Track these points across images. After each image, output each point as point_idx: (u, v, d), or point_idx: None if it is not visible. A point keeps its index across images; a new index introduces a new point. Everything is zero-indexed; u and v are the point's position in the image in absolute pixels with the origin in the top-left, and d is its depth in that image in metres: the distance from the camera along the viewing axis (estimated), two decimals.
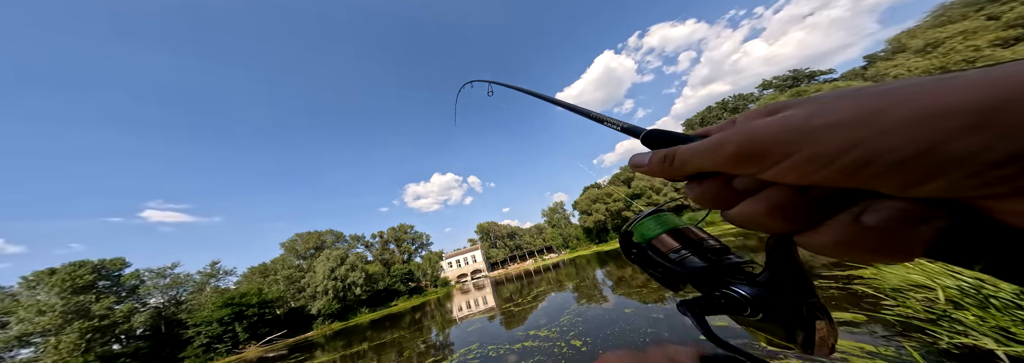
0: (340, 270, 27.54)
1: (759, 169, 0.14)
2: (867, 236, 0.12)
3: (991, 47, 10.96)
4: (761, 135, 0.13)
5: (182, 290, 28.47)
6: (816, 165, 0.12)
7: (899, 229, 0.11)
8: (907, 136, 0.10)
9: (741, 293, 0.19)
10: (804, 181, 0.13)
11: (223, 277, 31.78)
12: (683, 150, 0.17)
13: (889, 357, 1.54)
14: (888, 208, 0.11)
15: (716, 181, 0.17)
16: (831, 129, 0.11)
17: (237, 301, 22.57)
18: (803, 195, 0.13)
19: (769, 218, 0.14)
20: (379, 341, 9.91)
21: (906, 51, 13.26)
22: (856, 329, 2.15)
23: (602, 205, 37.22)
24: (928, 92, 0.10)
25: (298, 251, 33.04)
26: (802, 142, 0.12)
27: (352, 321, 24.09)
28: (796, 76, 27.34)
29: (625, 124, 0.29)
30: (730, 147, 0.14)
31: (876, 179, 0.11)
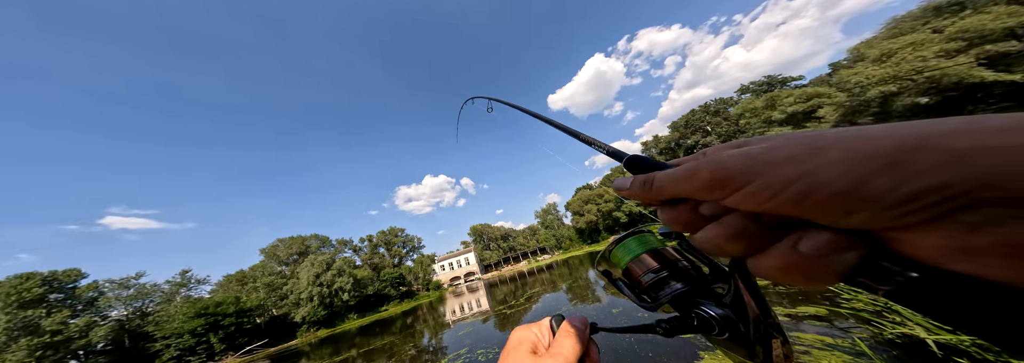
0: (326, 276, 26.69)
1: (723, 195, 0.15)
2: (801, 262, 0.14)
3: (936, 58, 12.08)
4: (727, 164, 0.15)
5: (148, 301, 26.71)
6: (769, 193, 0.14)
7: (827, 256, 0.13)
8: (839, 173, 0.12)
9: (710, 314, 0.20)
10: (758, 208, 0.15)
11: (196, 286, 30.19)
12: (660, 176, 0.19)
13: (844, 348, 1.70)
14: (820, 236, 0.13)
15: (686, 206, 0.18)
16: (782, 162, 0.14)
17: (212, 311, 21.40)
18: (756, 222, 0.15)
19: (728, 242, 0.16)
20: (368, 347, 9.73)
21: (864, 60, 14.42)
22: (818, 322, 2.34)
23: (594, 206, 37.79)
24: (859, 137, 0.13)
25: (280, 257, 31.86)
26: (759, 172, 0.14)
27: (340, 328, 23.42)
28: (770, 82, 29.14)
29: (611, 148, 0.32)
30: (704, 174, 0.16)
31: (814, 209, 0.13)
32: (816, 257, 0.13)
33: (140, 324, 24.31)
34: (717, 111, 35.46)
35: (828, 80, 22.15)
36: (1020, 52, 11.34)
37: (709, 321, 0.20)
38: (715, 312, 0.20)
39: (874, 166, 0.11)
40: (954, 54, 11.82)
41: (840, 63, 19.70)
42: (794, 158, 0.13)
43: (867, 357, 1.48)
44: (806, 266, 0.14)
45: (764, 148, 0.15)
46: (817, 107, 19.58)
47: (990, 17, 11.25)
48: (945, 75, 11.91)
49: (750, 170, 0.14)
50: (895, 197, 0.11)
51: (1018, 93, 11.63)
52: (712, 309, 0.21)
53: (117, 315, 24.82)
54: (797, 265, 0.14)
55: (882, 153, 0.11)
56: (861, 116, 15.83)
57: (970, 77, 11.67)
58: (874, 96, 14.31)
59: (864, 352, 1.46)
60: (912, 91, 13.45)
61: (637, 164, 0.24)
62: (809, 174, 0.13)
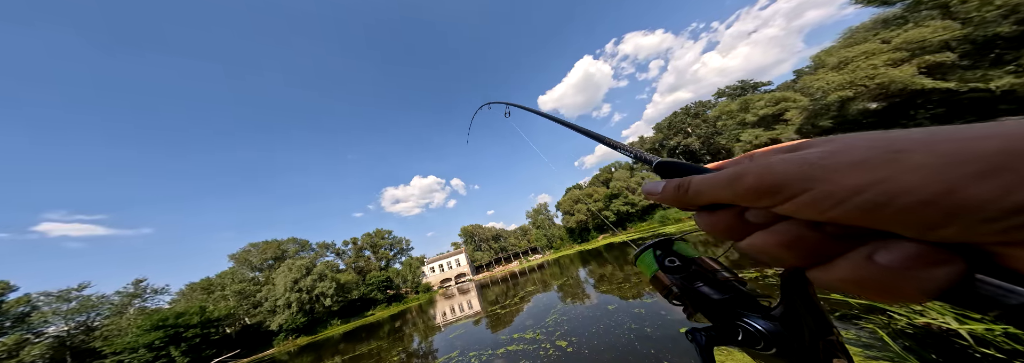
0: (306, 281, 25.28)
1: (774, 202, 0.14)
2: (880, 275, 0.12)
3: (885, 66, 13.44)
4: (779, 170, 0.14)
5: (95, 314, 24.05)
6: (833, 202, 0.12)
7: (913, 271, 0.11)
8: (925, 179, 0.10)
9: (756, 327, 0.19)
10: (819, 217, 0.13)
11: (152, 297, 27.58)
12: (698, 180, 0.18)
13: (850, 340, 1.69)
14: (903, 249, 0.11)
15: (729, 212, 0.17)
16: (849, 167, 0.12)
17: (172, 322, 19.59)
18: (818, 230, 0.14)
19: (782, 251, 0.15)
20: (353, 354, 9.31)
21: (825, 67, 15.79)
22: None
23: (583, 205, 38.55)
24: (947, 138, 0.11)
25: (253, 263, 29.84)
26: (820, 179, 0.12)
27: (322, 334, 22.32)
28: (744, 86, 31.32)
29: (638, 152, 0.30)
30: (749, 179, 0.15)
31: (892, 220, 0.11)
32: (899, 271, 0.12)
33: (85, 340, 21.96)
34: (697, 113, 37.31)
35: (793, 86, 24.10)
36: (953, 63, 12.83)
37: (754, 334, 0.19)
38: (761, 325, 0.19)
39: (970, 172, 0.10)
40: (900, 63, 13.27)
41: (804, 70, 21.47)
42: (865, 163, 0.12)
43: (877, 348, 1.47)
44: (887, 281, 0.12)
45: (824, 152, 0.13)
46: (785, 110, 21.16)
47: (929, 30, 12.62)
48: (892, 82, 13.24)
49: (806, 176, 0.13)
50: (998, 209, 0.09)
51: (951, 100, 13.16)
52: (757, 321, 0.19)
53: (56, 331, 22.20)
54: (875, 280, 0.12)
55: (981, 156, 0.10)
56: (822, 119, 17.28)
57: (913, 84, 13.04)
58: (833, 101, 15.65)
59: (872, 344, 1.46)
60: (865, 96, 14.85)
61: (669, 168, 0.22)
62: (883, 181, 0.11)
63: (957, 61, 12.46)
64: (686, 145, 36.66)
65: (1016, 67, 11.28)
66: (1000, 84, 11.34)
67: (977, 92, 11.99)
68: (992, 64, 11.85)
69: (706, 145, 35.57)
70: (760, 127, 23.01)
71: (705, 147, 35.69)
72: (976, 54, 12.17)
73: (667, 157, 0.21)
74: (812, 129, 18.47)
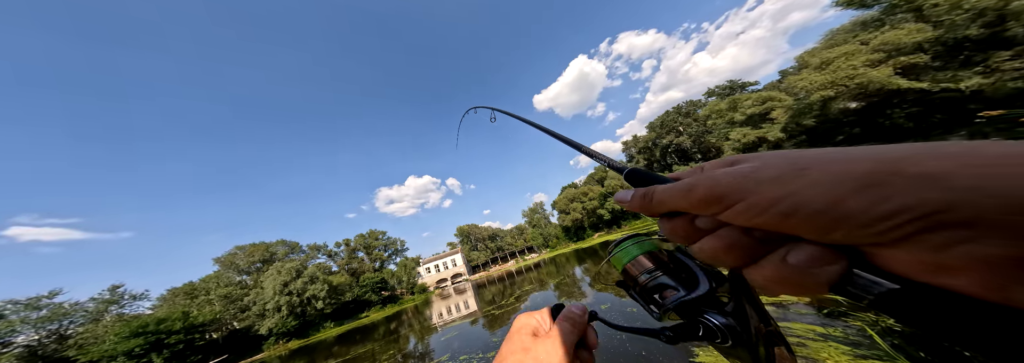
0: (296, 284, 24.66)
1: (719, 210, 0.17)
2: (791, 273, 0.15)
3: (863, 66, 13.89)
4: (723, 182, 0.17)
5: (68, 322, 22.81)
6: (757, 210, 0.15)
7: (812, 268, 0.14)
8: (819, 193, 0.13)
9: (715, 322, 0.21)
10: (749, 223, 0.16)
11: (131, 303, 26.21)
12: (660, 190, 0.20)
13: (839, 338, 1.73)
14: (807, 250, 0.15)
15: (684, 219, 0.20)
16: (769, 181, 0.15)
17: (153, 328, 18.83)
18: (749, 236, 0.17)
19: (724, 253, 0.18)
20: (347, 356, 9.16)
21: (808, 67, 16.36)
22: (805, 310, 2.37)
23: (579, 204, 38.85)
24: (836, 159, 0.14)
25: (239, 266, 28.91)
26: (749, 190, 0.15)
27: (314, 337, 21.99)
28: (732, 86, 32.17)
29: (612, 161, 0.33)
30: (700, 190, 0.17)
31: (799, 226, 0.14)
32: (804, 269, 0.15)
33: (58, 349, 20.83)
34: (688, 112, 38.03)
35: (778, 86, 24.88)
36: (926, 64, 13.45)
37: (713, 330, 0.21)
38: (719, 321, 0.21)
39: (849, 188, 0.13)
40: (878, 64, 13.86)
41: (788, 70, 22.20)
42: (780, 178, 0.15)
43: (866, 347, 1.50)
44: (795, 277, 0.15)
45: (753, 167, 0.16)
46: (771, 109, 21.80)
47: (904, 32, 13.19)
48: (870, 82, 13.80)
49: (741, 188, 0.16)
50: (868, 217, 0.12)
51: (924, 100, 13.81)
52: (716, 318, 0.21)
53: (25, 340, 20.95)
54: (787, 276, 0.15)
55: (856, 176, 0.13)
56: (806, 118, 17.88)
57: (889, 84, 13.62)
58: (816, 100, 16.21)
59: (861, 342, 1.49)
60: (846, 96, 15.43)
61: (637, 177, 0.25)
62: (793, 194, 0.14)
63: (930, 62, 13.08)
64: (678, 143, 37.36)
65: (983, 68, 11.92)
66: (969, 84, 11.96)
67: (948, 92, 12.62)
68: (962, 65, 12.48)
69: (697, 143, 36.33)
70: (748, 126, 23.66)
71: (696, 145, 36.46)
72: (947, 56, 12.80)
73: (659, 156, 0.36)
74: (796, 127, 19.11)
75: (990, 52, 11.51)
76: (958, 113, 12.61)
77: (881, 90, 13.89)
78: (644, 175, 0.24)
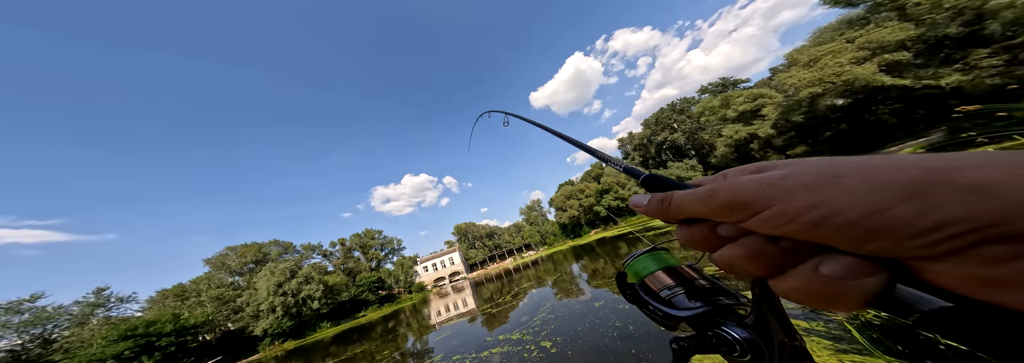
0: (290, 284, 24.35)
1: (743, 218, 0.16)
2: (823, 284, 0.14)
3: (850, 64, 14.14)
4: (747, 189, 0.16)
5: (53, 326, 22.15)
6: (786, 218, 0.14)
7: (849, 280, 0.13)
8: (856, 201, 0.13)
9: (733, 335, 0.20)
10: (775, 232, 0.15)
11: (118, 306, 25.59)
12: (679, 195, 0.19)
13: (820, 332, 1.73)
14: (841, 261, 0.14)
15: (704, 226, 0.19)
16: (799, 188, 0.14)
17: (142, 331, 18.44)
18: (775, 244, 0.16)
19: (747, 263, 0.17)
20: (344, 356, 9.11)
21: (797, 65, 16.65)
22: (788, 305, 2.36)
23: (576, 201, 39.15)
24: (876, 167, 0.13)
25: (231, 267, 28.44)
26: (777, 198, 0.15)
27: (310, 338, 21.73)
28: (725, 83, 32.54)
29: (627, 165, 0.32)
30: (722, 196, 0.17)
31: (831, 235, 0.13)
32: (838, 281, 0.14)
33: (42, 353, 20.29)
34: (681, 109, 38.37)
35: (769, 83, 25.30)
36: (909, 61, 13.82)
37: (731, 343, 0.20)
38: (738, 334, 0.20)
39: (892, 197, 0.12)
40: (862, 61, 14.20)
41: (779, 68, 22.57)
42: (811, 185, 0.14)
43: (847, 341, 1.52)
44: (828, 290, 0.14)
45: (782, 174, 0.15)
46: (762, 106, 22.18)
47: (888, 31, 13.50)
48: (856, 79, 14.14)
49: (767, 196, 0.15)
50: (914, 229, 0.11)
51: (907, 96, 14.23)
52: (734, 330, 0.20)
53: (8, 345, 20.41)
54: (818, 288, 0.14)
55: (901, 184, 0.12)
56: (795, 114, 18.27)
57: (874, 81, 13.98)
58: (805, 97, 16.55)
59: (841, 336, 1.52)
60: (833, 93, 15.80)
61: (654, 182, 0.24)
62: (825, 202, 0.13)
63: (912, 60, 13.44)
64: (672, 140, 37.77)
65: (963, 65, 12.31)
66: (949, 81, 12.36)
67: (929, 89, 13.02)
68: (942, 62, 12.87)
69: (691, 140, 36.82)
70: (740, 122, 24.04)
71: (690, 142, 36.95)
72: (928, 53, 13.17)
73: (654, 152, 0.34)
74: (786, 124, 19.51)
75: (969, 50, 11.89)
76: (939, 109, 13.05)
77: (866, 87, 14.26)
78: (661, 181, 0.23)
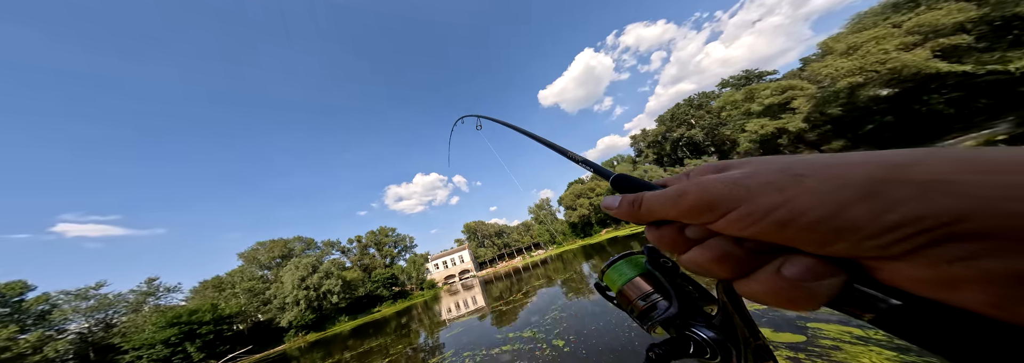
0: (313, 278, 25.67)
1: (709, 220, 0.16)
2: (785, 286, 0.14)
3: (896, 51, 12.75)
4: (714, 189, 0.16)
5: (113, 312, 24.79)
6: (751, 219, 0.14)
7: (809, 282, 0.13)
8: (816, 201, 0.12)
9: (703, 336, 0.20)
10: (742, 233, 0.15)
11: (165, 295, 28.28)
12: (649, 197, 0.19)
13: (882, 342, 1.51)
14: (802, 263, 0.14)
15: (672, 228, 0.19)
16: (764, 188, 0.14)
17: (186, 319, 20.19)
18: (740, 246, 0.16)
19: (713, 265, 0.17)
20: (361, 349, 9.42)
21: (833, 53, 15.22)
22: (836, 311, 2.11)
23: (586, 200, 38.40)
24: (832, 164, 0.13)
25: (261, 261, 30.26)
26: (743, 197, 0.14)
27: (330, 331, 22.80)
28: (748, 76, 30.55)
29: (598, 167, 0.33)
30: (690, 198, 0.16)
31: (795, 236, 0.13)
32: (799, 282, 0.14)
33: (104, 336, 22.71)
34: (700, 105, 36.53)
35: (800, 74, 23.42)
36: (969, 45, 12.25)
37: (702, 345, 0.20)
38: (707, 335, 0.20)
39: (851, 196, 0.12)
40: (912, 47, 12.75)
41: (810, 58, 20.80)
42: (774, 184, 0.14)
43: (916, 352, 1.32)
44: (790, 291, 0.14)
45: (744, 173, 0.15)
46: (792, 99, 20.58)
47: (942, 13, 12.04)
48: (905, 66, 12.73)
49: (734, 196, 0.15)
50: (873, 228, 0.11)
51: (967, 83, 12.63)
52: (704, 331, 0.21)
53: (77, 328, 22.96)
54: (781, 290, 0.14)
55: (858, 182, 0.12)
56: (831, 106, 16.78)
57: (927, 68, 12.53)
58: (842, 87, 15.14)
59: (910, 347, 1.31)
60: (876, 82, 14.34)
61: (624, 183, 0.24)
62: (789, 201, 0.13)
63: (973, 43, 11.92)
64: (690, 136, 36.04)
65: None
66: (1020, 66, 10.85)
67: (995, 74, 11.50)
68: (1011, 45, 11.31)
69: (710, 136, 34.96)
70: (766, 117, 22.46)
71: (709, 138, 35.10)
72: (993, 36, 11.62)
73: (670, 150, 0.34)
74: (820, 117, 17.99)
75: None
76: (1007, 97, 11.48)
77: (917, 75, 12.80)
78: (631, 181, 0.23)
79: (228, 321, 22.77)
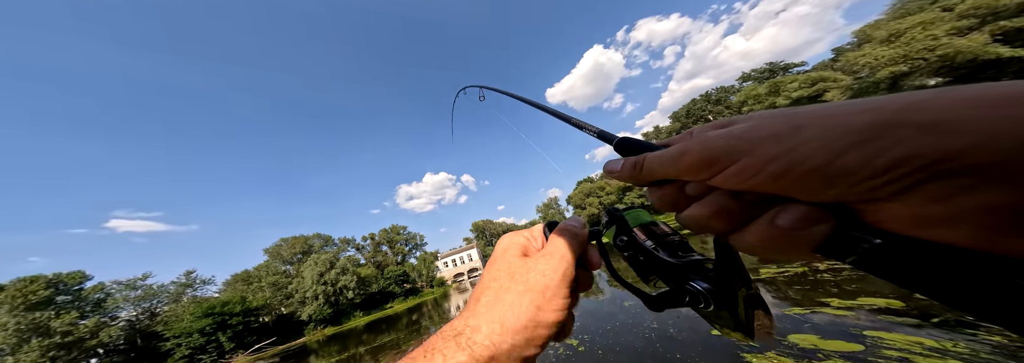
0: (330, 274, 26.68)
1: (709, 175, 0.16)
2: (778, 235, 0.14)
3: (948, 36, 11.49)
4: (713, 144, 0.16)
5: (156, 302, 26.95)
6: (752, 171, 0.14)
7: (801, 229, 0.14)
8: (816, 149, 0.13)
9: (699, 288, 0.21)
10: (740, 186, 0.15)
11: (201, 287, 30.22)
12: (651, 157, 0.19)
13: (962, 355, 1.29)
14: (795, 211, 0.14)
15: (673, 187, 0.19)
16: (765, 140, 0.14)
17: (218, 310, 21.56)
18: (738, 200, 0.16)
19: (712, 220, 0.17)
20: (375, 344, 9.65)
21: (871, 41, 13.96)
22: (898, 318, 1.88)
23: (595, 199, 37.59)
24: (833, 113, 0.13)
25: (284, 257, 31.72)
26: (743, 151, 0.15)
27: (346, 325, 23.53)
28: (772, 69, 28.64)
29: (600, 130, 0.33)
30: (692, 155, 0.17)
31: (793, 185, 0.14)
32: (792, 230, 0.14)
33: (149, 324, 24.61)
34: (718, 100, 34.83)
35: (832, 65, 21.69)
36: None
37: (698, 296, 0.21)
38: (703, 286, 0.21)
39: (847, 142, 0.12)
40: (966, 31, 11.41)
41: (844, 47, 19.21)
42: (777, 135, 0.14)
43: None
44: (783, 239, 0.14)
45: (748, 127, 0.15)
46: (823, 91, 19.10)
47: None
48: (958, 52, 11.43)
49: (735, 149, 0.15)
50: (867, 171, 0.12)
51: None
52: (700, 284, 0.22)
53: (127, 316, 25.12)
54: (775, 239, 0.15)
55: (855, 129, 0.12)
56: None
57: (985, 54, 11.20)
58: (884, 77, 13.84)
59: (993, 361, 1.07)
60: (924, 70, 12.98)
61: (628, 146, 0.24)
62: (790, 151, 0.13)
63: None
64: None
65: None
66: None
67: None
68: None
69: None
70: None
71: None
72: None
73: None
74: None
75: None
76: None
77: (974, 61, 11.44)
78: (635, 143, 0.24)
79: (255, 313, 24.15)
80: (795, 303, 3.16)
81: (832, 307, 2.70)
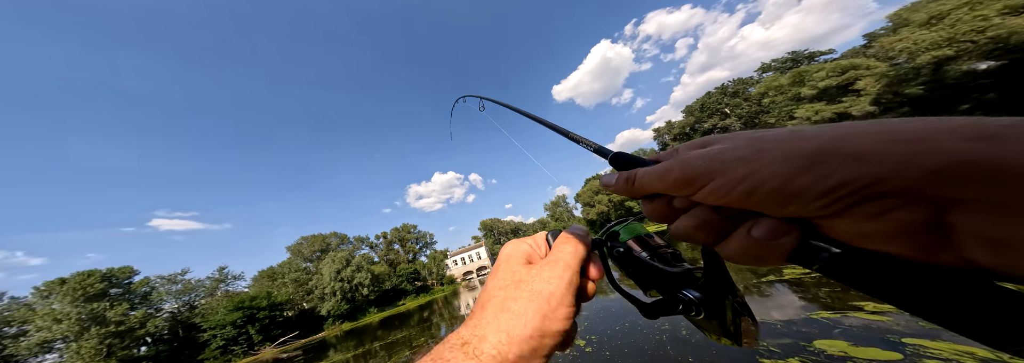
0: (346, 271, 27.84)
1: (691, 192, 0.18)
2: (754, 245, 0.17)
3: (1000, 16, 10.27)
4: (692, 164, 0.18)
5: (194, 295, 29.21)
6: (725, 190, 0.16)
7: (772, 240, 0.16)
8: (775, 172, 0.15)
9: (691, 297, 0.23)
10: (718, 202, 0.17)
11: (232, 282, 32.42)
12: (642, 173, 0.21)
13: None
14: (766, 224, 0.16)
15: (662, 200, 0.21)
16: (734, 163, 0.16)
17: (247, 304, 23.12)
18: (718, 214, 0.18)
19: (697, 232, 0.19)
20: (388, 340, 9.92)
21: (910, 25, 12.69)
22: (930, 325, 1.67)
23: (604, 196, 36.83)
24: (789, 138, 0.16)
25: (304, 254, 33.40)
26: (717, 171, 0.17)
27: (362, 321, 24.47)
28: (795, 58, 26.58)
29: (597, 146, 0.34)
30: (674, 173, 0.19)
31: (760, 202, 0.16)
32: (764, 241, 0.16)
33: (189, 316, 26.69)
34: (736, 92, 33.00)
35: (864, 51, 19.96)
36: None
37: (690, 304, 0.23)
38: (693, 295, 0.23)
39: (798, 166, 0.14)
40: (1022, 10, 10.10)
41: (878, 32, 17.61)
42: (743, 158, 0.16)
43: None
44: (757, 249, 0.17)
45: (721, 149, 0.18)
46: (854, 80, 17.62)
47: None
48: (1013, 33, 10.16)
49: (711, 170, 0.17)
50: (814, 193, 0.14)
51: None
52: (691, 292, 0.23)
53: (170, 308, 27.42)
54: (752, 248, 0.17)
55: (803, 154, 0.14)
56: (909, 86, 14.05)
57: None
58: (925, 62, 12.56)
59: None
60: (973, 54, 11.66)
61: (622, 161, 0.26)
62: (754, 173, 0.15)
63: None
64: (724, 127, 32.69)
65: None
66: None
67: None
68: None
69: (749, 125, 31.40)
70: (821, 101, 19.54)
71: (748, 128, 31.22)
72: None
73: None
74: (894, 98, 15.17)
75: None
76: None
77: None
78: (628, 158, 0.25)
79: (280, 308, 25.50)
80: (824, 306, 3.06)
81: (866, 311, 2.57)
